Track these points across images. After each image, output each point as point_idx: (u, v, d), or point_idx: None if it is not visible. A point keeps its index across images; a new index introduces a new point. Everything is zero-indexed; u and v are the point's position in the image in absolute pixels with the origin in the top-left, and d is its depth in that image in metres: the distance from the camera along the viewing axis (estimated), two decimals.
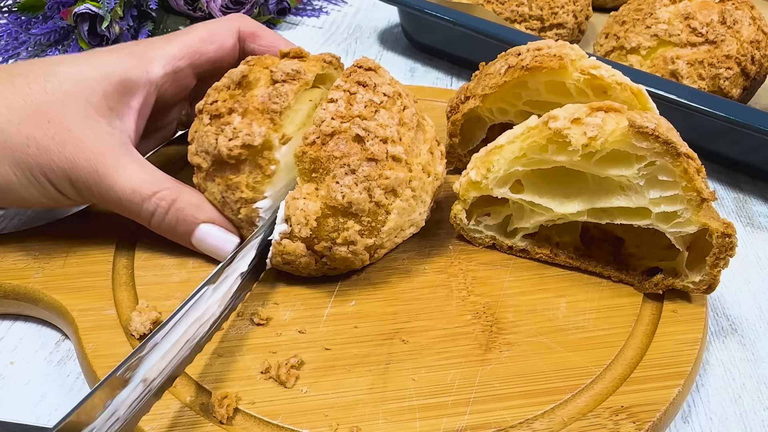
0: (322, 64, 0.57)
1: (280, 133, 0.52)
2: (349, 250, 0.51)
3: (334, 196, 0.49)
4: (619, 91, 0.57)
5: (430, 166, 0.55)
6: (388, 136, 0.51)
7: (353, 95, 0.52)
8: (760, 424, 0.49)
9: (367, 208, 0.50)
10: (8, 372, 0.51)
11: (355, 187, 0.49)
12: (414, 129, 0.54)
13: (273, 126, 0.52)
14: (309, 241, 0.51)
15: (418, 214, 0.55)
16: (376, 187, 0.50)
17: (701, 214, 0.50)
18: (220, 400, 0.45)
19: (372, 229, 0.51)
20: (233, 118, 0.52)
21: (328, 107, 0.51)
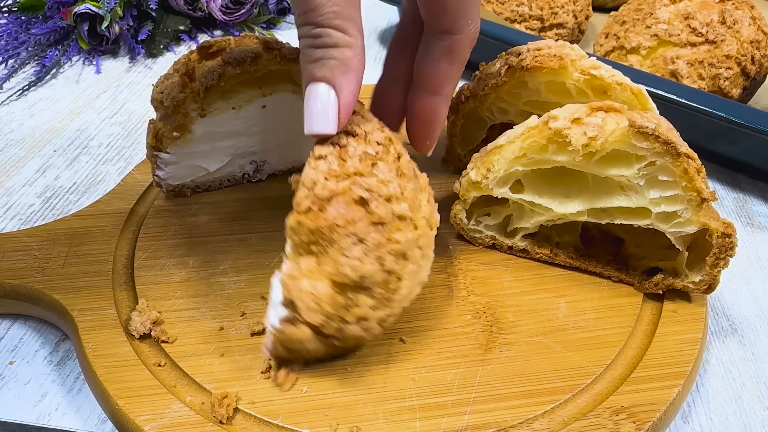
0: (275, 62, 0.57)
1: (199, 104, 0.57)
2: (362, 327, 0.44)
3: (344, 271, 0.42)
4: (619, 91, 0.57)
5: (432, 218, 0.48)
6: (392, 193, 0.44)
7: (344, 148, 0.45)
8: (760, 424, 0.49)
9: (380, 279, 0.43)
10: (8, 372, 0.51)
11: (366, 258, 0.42)
12: (413, 179, 0.47)
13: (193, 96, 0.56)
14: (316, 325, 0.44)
15: (425, 272, 0.48)
16: (386, 254, 0.43)
17: (701, 214, 0.50)
18: (220, 400, 0.45)
19: (385, 300, 0.44)
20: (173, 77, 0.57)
21: (318, 165, 0.44)
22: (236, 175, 0.65)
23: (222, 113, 0.59)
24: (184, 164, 0.61)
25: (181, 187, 0.63)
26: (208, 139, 0.60)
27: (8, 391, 0.50)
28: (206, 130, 0.59)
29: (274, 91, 0.60)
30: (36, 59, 0.95)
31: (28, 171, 0.72)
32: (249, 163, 0.64)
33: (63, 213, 0.66)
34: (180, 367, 0.48)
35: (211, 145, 0.61)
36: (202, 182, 0.64)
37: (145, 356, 0.49)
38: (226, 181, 0.65)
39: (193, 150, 0.60)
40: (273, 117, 0.62)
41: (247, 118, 0.61)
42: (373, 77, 0.94)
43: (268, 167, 0.66)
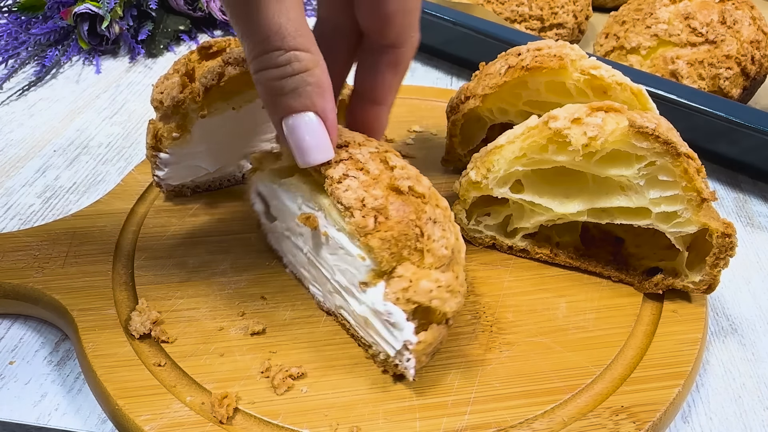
0: None
1: (200, 105, 0.56)
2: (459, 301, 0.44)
3: (441, 253, 0.43)
4: (619, 91, 0.57)
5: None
6: (413, 173, 0.46)
7: (353, 159, 0.44)
8: (760, 424, 0.49)
9: (458, 246, 0.45)
10: (8, 372, 0.51)
11: (445, 233, 0.43)
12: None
13: (193, 96, 0.56)
14: (453, 312, 0.44)
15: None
16: (448, 223, 0.45)
17: (701, 214, 0.50)
18: (220, 400, 0.45)
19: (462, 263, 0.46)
20: (173, 77, 0.57)
21: (350, 185, 0.43)
22: (236, 175, 0.65)
23: (222, 113, 0.58)
24: (183, 164, 0.60)
25: (180, 187, 0.63)
26: (207, 139, 0.60)
27: (8, 391, 0.50)
28: (206, 131, 0.59)
29: None
30: (36, 59, 0.95)
31: (28, 171, 0.72)
32: (248, 163, 0.64)
33: (63, 213, 0.66)
34: (180, 367, 0.48)
35: (211, 146, 0.61)
36: (202, 182, 0.64)
37: (145, 356, 0.49)
38: (226, 182, 0.65)
39: (193, 150, 0.60)
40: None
41: (247, 118, 0.60)
42: None
43: None
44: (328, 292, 0.50)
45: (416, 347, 0.43)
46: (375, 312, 0.44)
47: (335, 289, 0.48)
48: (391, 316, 0.43)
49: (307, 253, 0.51)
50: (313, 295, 0.53)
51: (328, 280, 0.49)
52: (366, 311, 0.45)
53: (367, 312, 0.45)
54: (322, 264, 0.49)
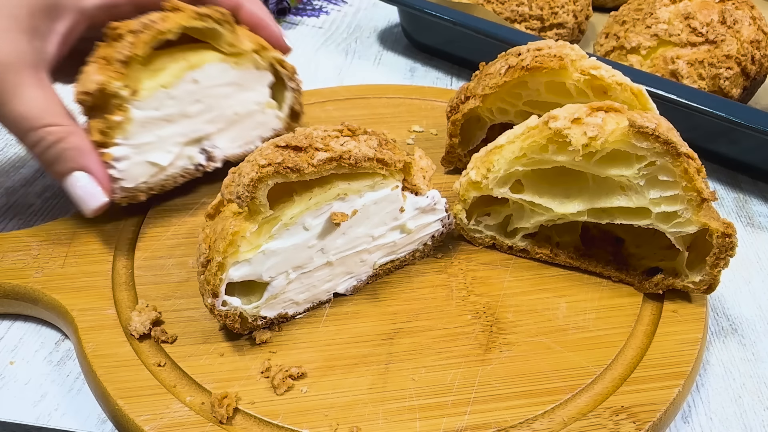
0: (191, 15, 0.56)
1: (124, 81, 0.54)
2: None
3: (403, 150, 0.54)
4: (620, 91, 0.57)
5: None
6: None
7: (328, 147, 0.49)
8: (760, 424, 0.49)
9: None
10: (8, 372, 0.51)
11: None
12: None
13: (114, 74, 0.53)
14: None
15: None
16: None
17: (701, 214, 0.50)
18: (220, 400, 0.45)
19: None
20: (90, 67, 0.54)
21: (351, 149, 0.49)
22: (189, 168, 0.62)
23: (153, 93, 0.56)
24: (136, 160, 0.57)
25: (135, 191, 0.58)
26: (150, 126, 0.57)
27: (8, 391, 0.50)
28: (145, 115, 0.56)
29: (201, 62, 0.58)
30: None
31: (28, 171, 0.72)
32: (199, 152, 0.62)
33: (63, 213, 0.66)
34: (180, 367, 0.48)
35: (156, 134, 0.58)
36: (156, 182, 0.60)
37: (145, 356, 0.49)
38: (180, 177, 0.61)
39: (140, 141, 0.57)
40: (208, 92, 0.60)
41: (182, 98, 0.58)
42: (373, 78, 0.94)
43: (219, 153, 0.63)
44: (364, 262, 0.55)
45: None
46: (421, 211, 0.55)
47: (375, 247, 0.54)
48: (434, 197, 0.55)
49: (335, 255, 0.52)
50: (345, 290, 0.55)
51: (366, 250, 0.54)
52: (410, 226, 0.55)
53: (411, 224, 0.55)
54: (354, 247, 0.53)
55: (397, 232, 0.55)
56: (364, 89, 0.81)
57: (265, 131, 0.66)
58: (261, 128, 0.66)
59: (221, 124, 0.62)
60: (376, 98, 0.79)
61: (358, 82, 0.91)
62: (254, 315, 0.50)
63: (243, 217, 0.47)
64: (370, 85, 0.81)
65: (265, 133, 0.66)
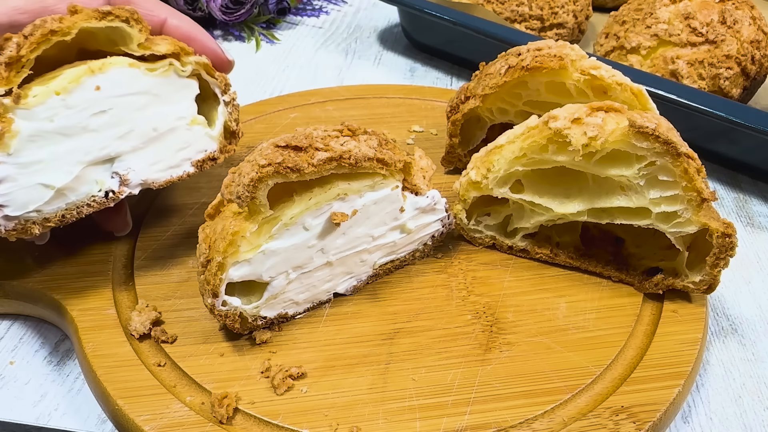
0: (92, 15, 0.49)
1: (6, 87, 0.46)
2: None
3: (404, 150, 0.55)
4: (620, 91, 0.57)
5: None
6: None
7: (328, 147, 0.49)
8: (760, 424, 0.49)
9: None
10: (8, 372, 0.51)
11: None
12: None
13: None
14: None
15: None
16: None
17: (701, 214, 0.50)
18: (220, 400, 0.45)
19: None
20: None
21: (351, 149, 0.49)
22: (96, 195, 0.51)
23: (45, 100, 0.47)
24: (23, 182, 0.47)
25: (24, 222, 0.48)
26: (41, 141, 0.47)
27: (8, 391, 0.50)
28: (35, 128, 0.47)
29: (104, 66, 0.49)
30: None
31: None
32: (110, 176, 0.51)
33: None
34: (180, 367, 0.48)
35: (50, 150, 0.48)
36: (52, 212, 0.49)
37: (145, 356, 0.49)
38: (85, 207, 0.51)
39: (29, 159, 0.47)
40: (116, 102, 0.50)
41: (82, 107, 0.49)
42: (373, 78, 0.94)
43: (135, 176, 0.52)
44: (364, 262, 0.55)
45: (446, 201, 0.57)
46: (421, 211, 0.55)
47: (375, 247, 0.54)
48: (434, 197, 0.55)
49: (335, 255, 0.52)
50: (345, 290, 0.55)
51: (366, 250, 0.54)
52: (410, 226, 0.55)
53: (411, 224, 0.55)
54: (354, 247, 0.53)
55: (397, 232, 0.55)
56: (364, 89, 0.81)
57: (193, 153, 0.55)
58: (188, 149, 0.55)
59: (136, 142, 0.52)
60: (376, 98, 0.79)
61: (358, 82, 0.91)
62: (254, 315, 0.50)
63: (243, 217, 0.47)
64: (370, 85, 0.81)
65: (193, 155, 0.55)
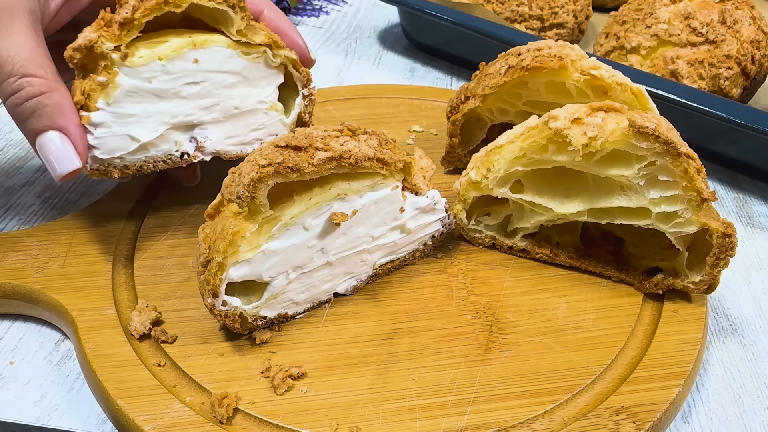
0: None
1: (116, 43, 0.51)
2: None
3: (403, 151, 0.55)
4: (620, 91, 0.57)
5: None
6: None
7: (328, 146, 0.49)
8: (760, 424, 0.49)
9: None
10: (8, 372, 0.51)
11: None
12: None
13: (108, 35, 0.50)
14: None
15: None
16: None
17: (701, 214, 0.50)
18: (220, 400, 0.45)
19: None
20: (88, 27, 0.51)
21: (351, 149, 0.49)
22: (173, 154, 0.57)
23: (149, 63, 0.52)
24: (115, 130, 0.53)
25: (108, 166, 0.54)
26: (138, 97, 0.53)
27: (8, 391, 0.50)
28: (134, 85, 0.52)
29: (205, 42, 0.54)
30: None
31: (28, 171, 0.72)
32: (188, 140, 0.57)
33: (63, 213, 0.66)
34: (180, 367, 0.48)
35: (143, 108, 0.54)
36: (133, 162, 0.55)
37: (145, 356, 0.49)
38: (161, 163, 0.56)
39: (124, 111, 0.53)
40: (209, 77, 0.56)
41: (179, 74, 0.54)
42: (373, 78, 0.94)
43: (210, 145, 0.58)
44: (364, 262, 0.55)
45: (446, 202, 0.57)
46: (421, 211, 0.55)
47: (375, 247, 0.55)
48: (434, 197, 0.55)
49: (335, 255, 0.52)
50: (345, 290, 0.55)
51: (366, 250, 0.54)
52: (411, 226, 0.55)
53: (411, 224, 0.55)
54: (354, 247, 0.53)
55: (397, 232, 0.55)
56: (364, 89, 0.81)
57: (265, 135, 0.61)
58: (261, 131, 0.61)
59: (218, 115, 0.57)
60: (376, 98, 0.79)
61: (358, 82, 0.91)
62: (254, 315, 0.50)
63: (243, 217, 0.47)
64: (370, 85, 0.82)
65: (265, 137, 0.61)
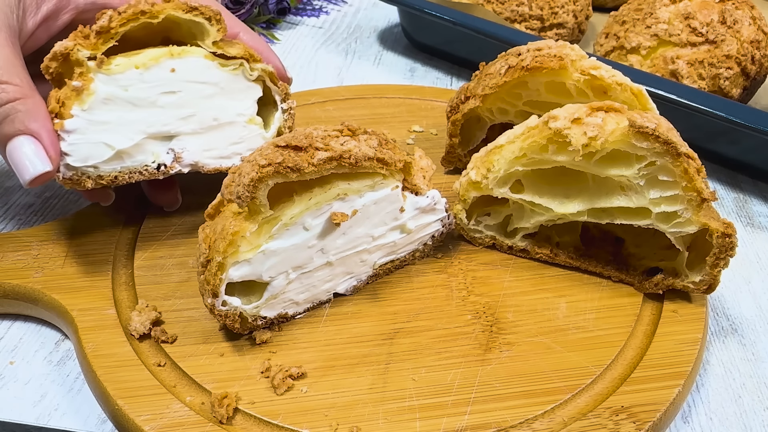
0: (180, 6, 0.54)
1: (93, 51, 0.51)
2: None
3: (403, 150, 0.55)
4: (620, 91, 0.57)
5: None
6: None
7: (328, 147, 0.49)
8: (760, 424, 0.49)
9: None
10: (8, 372, 0.51)
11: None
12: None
13: (84, 43, 0.51)
14: None
15: None
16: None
17: (701, 214, 0.50)
18: (220, 400, 0.45)
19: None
20: (69, 37, 0.52)
21: (351, 149, 0.49)
22: (149, 166, 0.55)
23: (125, 71, 0.52)
24: (90, 137, 0.52)
25: (81, 175, 0.52)
26: (113, 105, 0.52)
27: (8, 391, 0.50)
28: (110, 92, 0.52)
29: (183, 52, 0.54)
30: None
31: None
32: (166, 152, 0.56)
33: (63, 213, 0.66)
34: (180, 367, 0.48)
35: (119, 115, 0.53)
36: (107, 171, 0.53)
37: (145, 356, 0.49)
38: (137, 174, 0.55)
39: (99, 118, 0.52)
40: (186, 87, 0.55)
41: (155, 83, 0.53)
42: (373, 78, 0.94)
43: (188, 156, 0.56)
44: (364, 262, 0.55)
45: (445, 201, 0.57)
46: (421, 211, 0.55)
47: (375, 247, 0.54)
48: (434, 197, 0.55)
49: (335, 255, 0.52)
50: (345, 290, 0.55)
51: (366, 250, 0.54)
52: (411, 226, 0.55)
53: (411, 224, 0.55)
54: (354, 247, 0.53)
55: (397, 232, 0.55)
56: (364, 89, 0.81)
57: (244, 149, 0.59)
58: (240, 144, 0.59)
59: (195, 126, 0.56)
60: (376, 98, 0.79)
61: (358, 82, 0.91)
62: (254, 315, 0.50)
63: (243, 217, 0.47)
64: (370, 85, 0.82)
65: (244, 151, 0.59)
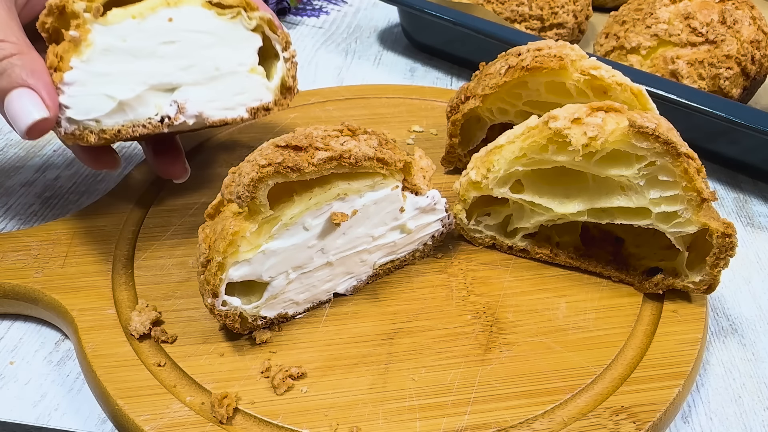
0: None
1: (89, 4, 0.49)
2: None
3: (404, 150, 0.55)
4: (620, 91, 0.57)
5: None
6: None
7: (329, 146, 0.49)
8: (760, 424, 0.49)
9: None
10: (8, 372, 0.51)
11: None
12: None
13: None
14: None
15: None
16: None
17: (701, 214, 0.50)
18: (220, 400, 0.45)
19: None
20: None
21: (351, 149, 0.49)
22: (152, 118, 0.53)
23: (122, 21, 0.50)
24: (90, 89, 0.50)
25: (83, 129, 0.50)
26: (112, 56, 0.51)
27: (8, 391, 0.50)
28: (108, 43, 0.50)
29: (180, 2, 0.53)
30: None
31: (28, 171, 0.72)
32: (169, 104, 0.54)
33: (63, 213, 0.66)
34: (180, 367, 0.48)
35: (119, 67, 0.51)
36: (110, 125, 0.51)
37: (145, 356, 0.49)
38: (141, 127, 0.53)
39: (99, 70, 0.50)
40: (185, 36, 0.53)
41: (154, 33, 0.52)
42: (373, 78, 0.94)
43: (191, 107, 0.54)
44: (364, 262, 0.55)
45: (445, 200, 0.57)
46: (421, 211, 0.55)
47: (375, 247, 0.55)
48: (434, 197, 0.55)
49: (335, 255, 0.52)
50: (345, 290, 0.55)
51: (366, 250, 0.54)
52: (411, 226, 0.55)
53: (411, 224, 0.55)
54: (354, 247, 0.53)
55: (397, 232, 0.55)
56: (364, 89, 0.81)
57: (249, 100, 0.57)
58: (244, 95, 0.57)
59: (197, 76, 0.55)
60: (376, 98, 0.79)
61: (358, 82, 0.91)
62: (254, 315, 0.50)
63: (243, 217, 0.47)
64: (370, 85, 0.82)
65: (249, 102, 0.57)
